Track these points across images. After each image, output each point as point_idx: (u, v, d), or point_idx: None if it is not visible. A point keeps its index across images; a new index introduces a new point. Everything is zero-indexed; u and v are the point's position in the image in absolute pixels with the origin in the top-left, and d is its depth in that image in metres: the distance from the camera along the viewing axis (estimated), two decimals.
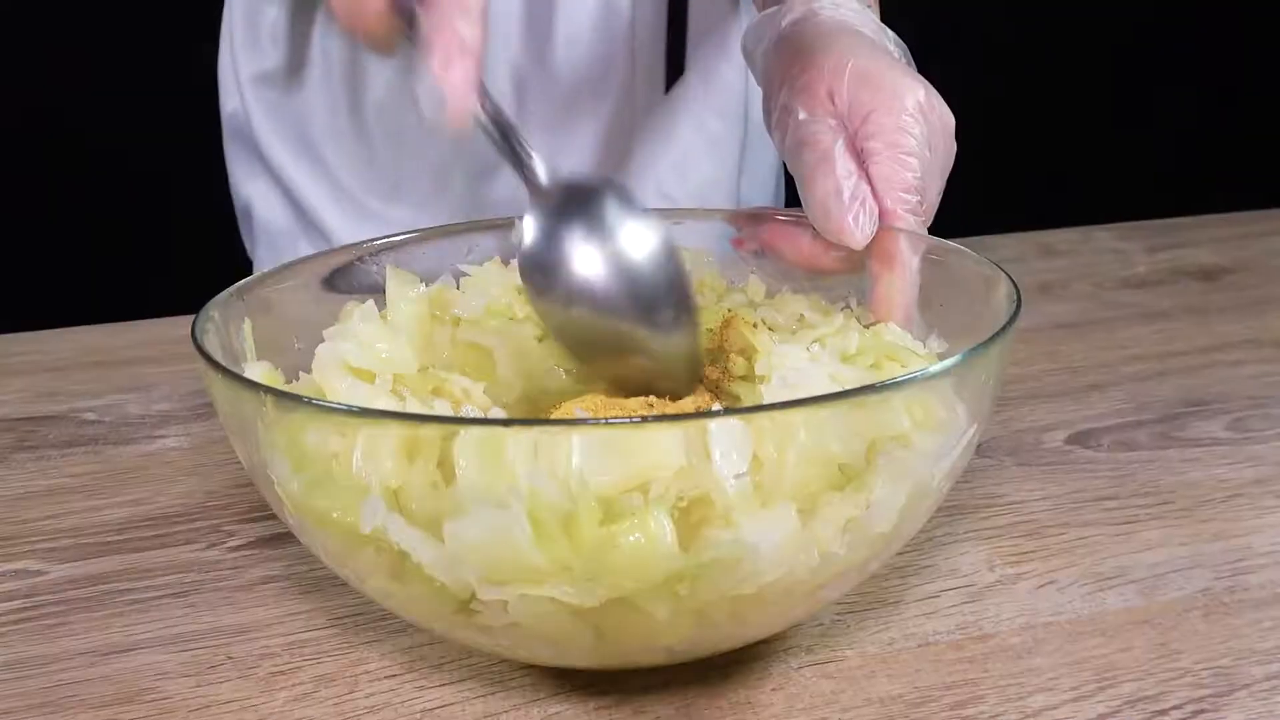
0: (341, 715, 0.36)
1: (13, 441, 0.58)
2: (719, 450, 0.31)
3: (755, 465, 0.32)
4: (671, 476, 0.31)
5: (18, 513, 0.50)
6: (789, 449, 0.31)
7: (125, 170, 1.41)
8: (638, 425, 0.31)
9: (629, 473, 0.30)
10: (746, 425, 0.31)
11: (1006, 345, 0.36)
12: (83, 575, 0.45)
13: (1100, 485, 0.50)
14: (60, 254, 1.43)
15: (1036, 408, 0.58)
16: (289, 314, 0.43)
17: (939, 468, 0.32)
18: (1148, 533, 0.46)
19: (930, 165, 0.46)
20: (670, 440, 0.31)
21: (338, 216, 0.77)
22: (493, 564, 0.29)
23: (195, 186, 1.00)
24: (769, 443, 0.32)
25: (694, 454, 0.31)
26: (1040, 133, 1.84)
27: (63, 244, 1.44)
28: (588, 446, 0.30)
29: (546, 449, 0.30)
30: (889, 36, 0.54)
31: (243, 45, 0.78)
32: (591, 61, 0.74)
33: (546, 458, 0.30)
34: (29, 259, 1.42)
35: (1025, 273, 0.81)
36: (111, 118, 1.40)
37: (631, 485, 0.30)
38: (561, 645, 0.31)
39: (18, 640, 0.41)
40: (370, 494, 0.29)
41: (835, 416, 0.31)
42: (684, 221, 0.53)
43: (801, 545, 0.30)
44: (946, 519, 0.48)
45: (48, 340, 0.71)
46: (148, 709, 0.37)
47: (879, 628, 0.40)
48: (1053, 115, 1.87)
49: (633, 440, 0.30)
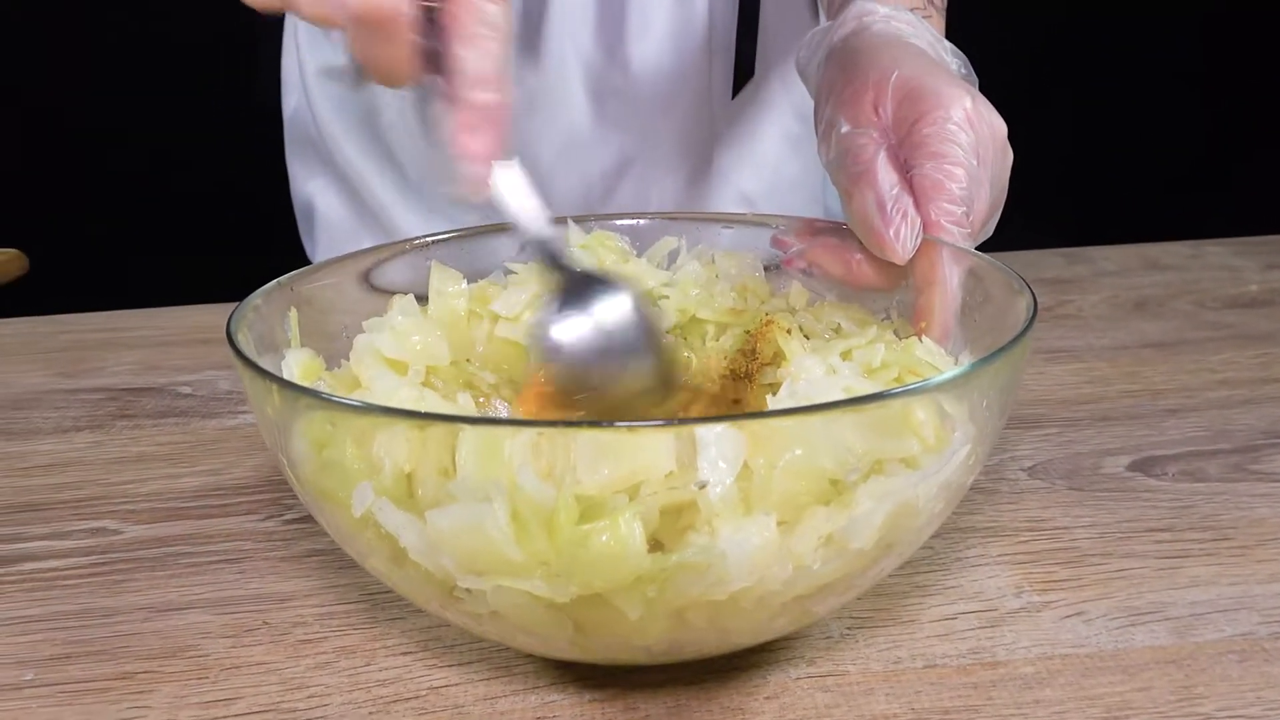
0: (355, 685, 0.39)
1: (115, 410, 0.63)
2: (704, 457, 0.31)
3: (745, 474, 0.32)
4: (661, 480, 0.31)
5: (108, 475, 0.55)
6: (777, 459, 0.32)
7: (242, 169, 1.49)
8: (630, 429, 0.32)
9: (619, 475, 0.31)
10: (733, 434, 0.31)
11: (1008, 366, 0.35)
12: (152, 537, 0.49)
13: (1156, 516, 0.48)
14: (184, 237, 1.52)
15: (1103, 430, 0.56)
16: (338, 304, 0.46)
17: (924, 487, 0.31)
18: (1196, 569, 0.44)
19: (977, 175, 0.45)
20: (660, 445, 0.31)
21: (404, 212, 0.79)
22: (470, 554, 0.30)
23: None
24: (760, 452, 0.32)
25: (682, 459, 0.31)
26: (1164, 142, 1.74)
27: (189, 228, 1.53)
28: (579, 448, 0.31)
29: (538, 449, 0.31)
30: (945, 48, 0.53)
31: (308, 40, 0.80)
32: (667, 59, 0.74)
33: (538, 457, 0.31)
34: (154, 241, 1.52)
35: (1123, 287, 0.78)
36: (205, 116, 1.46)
37: (621, 487, 0.31)
38: (542, 636, 0.32)
39: (87, 592, 0.45)
40: (360, 481, 0.31)
41: (822, 429, 0.31)
42: (734, 226, 0.53)
43: (776, 556, 0.30)
44: (981, 540, 0.46)
45: (160, 316, 0.77)
46: (186, 664, 0.40)
47: (888, 645, 0.40)
48: (1178, 126, 1.77)
49: (624, 444, 0.31)
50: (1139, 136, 1.72)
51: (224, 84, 1.30)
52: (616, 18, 0.74)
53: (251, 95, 0.94)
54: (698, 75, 0.76)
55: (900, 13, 0.53)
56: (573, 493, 0.30)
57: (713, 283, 0.51)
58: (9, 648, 0.41)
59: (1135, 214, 1.34)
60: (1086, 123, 1.75)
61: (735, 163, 0.81)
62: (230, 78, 1.20)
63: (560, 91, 0.74)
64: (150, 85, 1.45)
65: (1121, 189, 1.70)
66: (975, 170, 0.45)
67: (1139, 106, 1.73)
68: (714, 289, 0.51)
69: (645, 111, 0.76)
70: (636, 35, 0.74)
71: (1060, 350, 0.67)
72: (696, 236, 0.53)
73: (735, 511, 0.31)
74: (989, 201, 0.47)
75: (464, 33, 0.35)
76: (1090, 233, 0.99)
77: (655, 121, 0.76)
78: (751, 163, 0.80)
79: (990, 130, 0.47)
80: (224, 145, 1.36)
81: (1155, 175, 1.75)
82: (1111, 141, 1.75)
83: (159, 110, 1.45)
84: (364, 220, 0.81)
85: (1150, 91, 1.73)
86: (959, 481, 0.33)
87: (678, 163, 0.78)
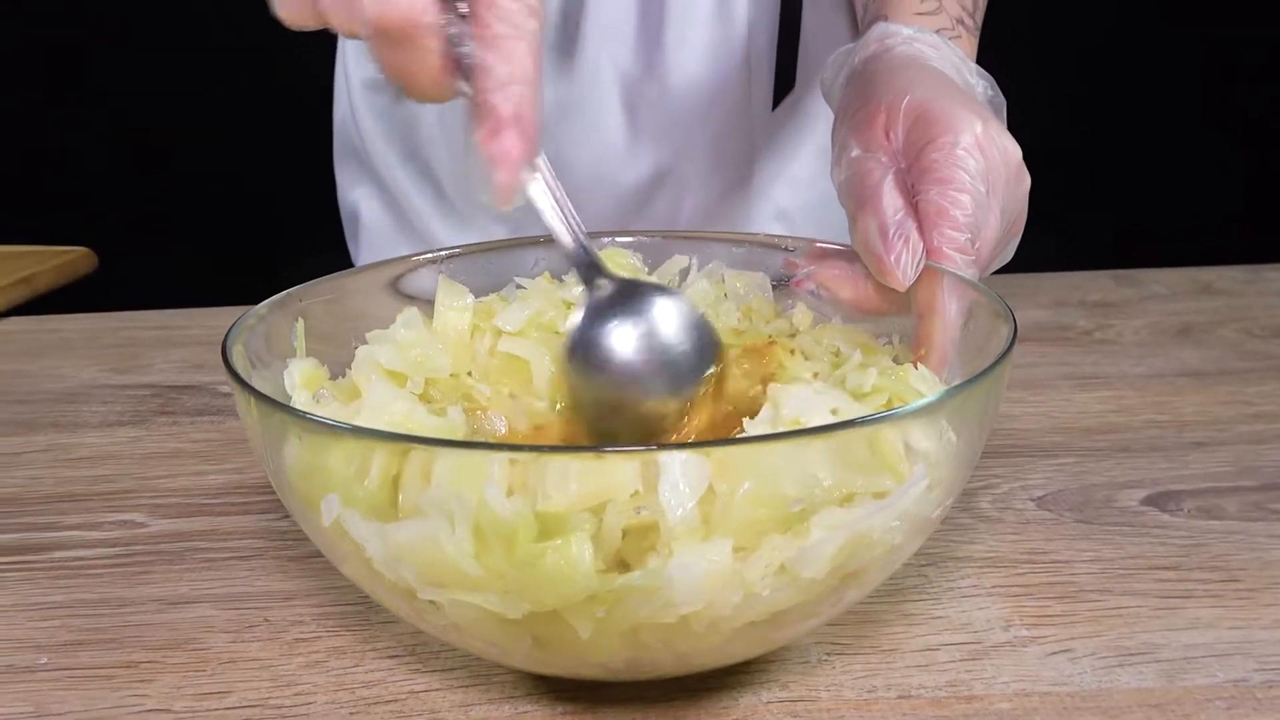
0: (340, 686, 0.40)
1: (156, 407, 0.66)
2: (666, 481, 0.32)
3: (709, 498, 0.32)
4: (626, 501, 0.32)
5: (143, 470, 0.58)
6: (739, 486, 0.32)
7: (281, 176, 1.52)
8: (597, 455, 0.33)
9: (585, 493, 0.32)
10: (696, 459, 0.32)
11: (974, 399, 0.34)
12: (174, 531, 0.51)
13: (1163, 553, 0.47)
14: (242, 239, 1.57)
15: (1122, 462, 0.55)
16: (353, 313, 0.48)
17: (879, 519, 0.31)
18: (1197, 610, 0.43)
19: (984, 202, 0.45)
20: (625, 468, 0.32)
21: (439, 223, 0.81)
22: (428, 567, 0.31)
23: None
24: (724, 478, 0.32)
25: (648, 481, 0.32)
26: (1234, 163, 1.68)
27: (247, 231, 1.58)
28: (547, 468, 0.32)
29: (507, 469, 0.32)
30: (970, 70, 0.52)
31: (354, 51, 0.83)
32: (705, 71, 0.75)
33: (506, 476, 0.32)
34: (214, 242, 1.57)
35: (1169, 312, 0.76)
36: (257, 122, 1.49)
37: (587, 505, 0.32)
38: (503, 649, 0.33)
39: (107, 581, 0.47)
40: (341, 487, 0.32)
41: (783, 455, 0.31)
42: (746, 246, 0.53)
43: (726, 582, 0.31)
44: (977, 570, 0.46)
45: (211, 316, 0.80)
46: (186, 656, 0.42)
47: (864, 674, 0.40)
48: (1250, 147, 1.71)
49: (591, 466, 0.32)
50: (1207, 156, 1.67)
51: (283, 91, 1.34)
52: (655, 29, 0.74)
53: (306, 104, 0.98)
54: (736, 88, 0.76)
55: (925, 34, 0.53)
56: (534, 510, 0.31)
57: (720, 301, 0.52)
58: (29, 631, 0.44)
59: (1197, 237, 1.29)
60: (1148, 142, 1.70)
61: (773, 178, 0.81)
62: (288, 85, 1.24)
63: (595, 102, 0.75)
64: (216, 91, 1.51)
65: (1183, 210, 1.65)
66: (982, 196, 0.45)
67: (1206, 125, 1.67)
68: (720, 308, 0.51)
69: (681, 124, 0.76)
70: (674, 47, 0.74)
71: (1090, 377, 0.66)
72: (709, 255, 0.54)
73: (694, 535, 0.32)
74: (999, 228, 0.47)
75: (487, 34, 0.34)
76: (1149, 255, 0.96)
77: (691, 134, 0.77)
78: (789, 178, 0.80)
79: (1003, 155, 0.46)
80: (283, 151, 1.40)
81: (1219, 198, 1.69)
82: (1177, 161, 1.69)
83: (226, 115, 1.50)
84: (403, 229, 0.83)
85: (1219, 111, 1.67)
86: (921, 514, 0.33)
87: (713, 176, 0.78)
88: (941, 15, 0.57)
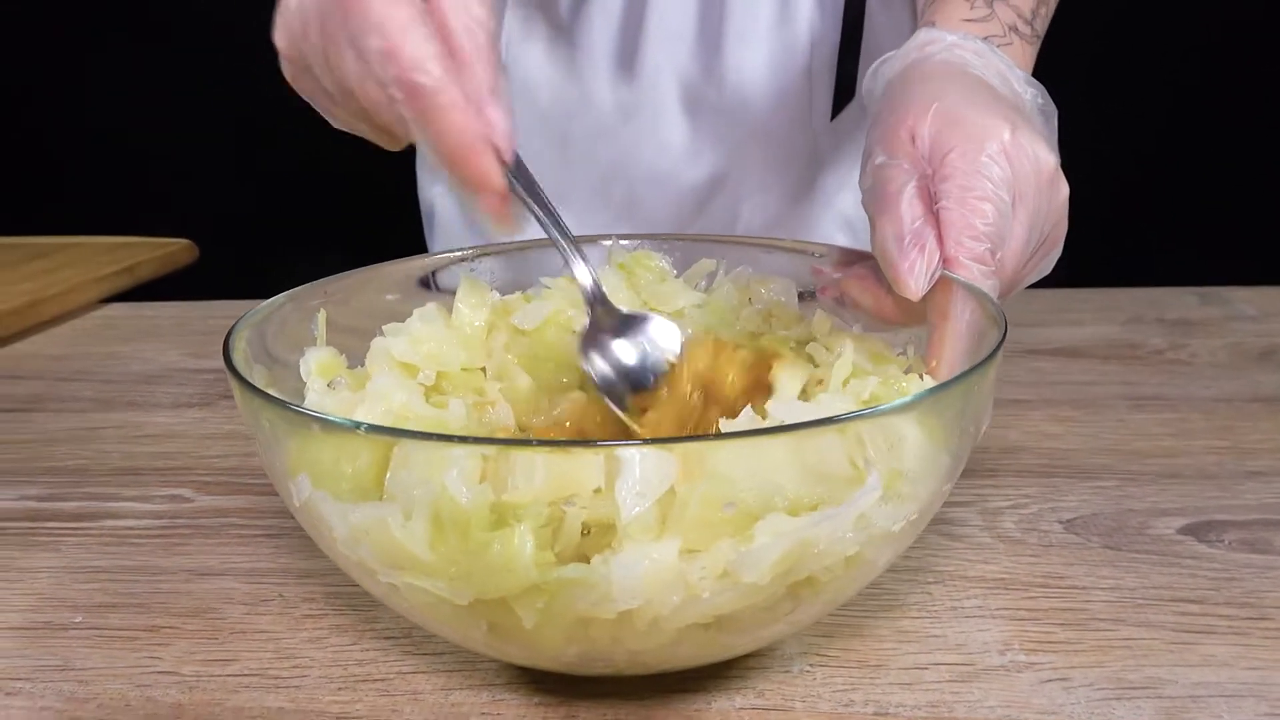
0: (335, 662, 0.42)
1: (223, 390, 0.70)
2: (624, 478, 0.32)
3: (668, 498, 0.32)
4: (589, 496, 0.33)
5: (199, 449, 0.61)
6: (695, 487, 0.32)
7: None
8: (562, 449, 0.33)
9: (549, 486, 0.32)
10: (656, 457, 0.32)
11: (932, 411, 0.33)
12: (214, 507, 0.54)
13: (1192, 585, 0.44)
14: (330, 231, 1.63)
15: (1166, 488, 0.52)
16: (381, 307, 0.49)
17: (826, 528, 0.31)
18: (1215, 647, 0.40)
19: (1007, 211, 0.43)
20: (589, 463, 0.32)
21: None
22: (382, 550, 0.32)
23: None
24: (687, 478, 0.32)
25: (610, 477, 0.32)
26: None
27: (335, 223, 1.64)
28: (514, 461, 0.32)
29: (478, 460, 0.33)
30: (1018, 77, 0.51)
31: None
32: (765, 77, 0.74)
33: (480, 466, 0.33)
34: (306, 233, 1.63)
35: (1252, 333, 0.71)
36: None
37: (551, 499, 0.33)
38: (460, 634, 0.34)
39: (148, 551, 0.51)
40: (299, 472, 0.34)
41: (734, 458, 0.31)
42: (774, 251, 0.53)
43: (668, 582, 0.31)
44: (985, 591, 0.44)
45: None
46: (201, 625, 0.45)
47: (844, 687, 0.39)
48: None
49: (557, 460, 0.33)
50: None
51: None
52: (715, 34, 0.75)
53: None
54: (797, 95, 0.75)
55: (969, 40, 0.52)
56: (490, 501, 0.32)
57: (743, 306, 0.51)
58: (71, 592, 0.47)
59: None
60: (1250, 152, 1.59)
61: (838, 186, 0.80)
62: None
63: (655, 104, 0.75)
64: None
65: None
66: (1006, 206, 0.43)
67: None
68: (742, 312, 0.51)
69: (740, 128, 0.76)
70: (734, 51, 0.74)
71: (1153, 398, 0.62)
72: (737, 259, 0.54)
73: (647, 534, 0.32)
74: (1026, 239, 0.45)
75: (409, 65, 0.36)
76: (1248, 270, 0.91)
77: (749, 139, 0.76)
78: (854, 186, 0.79)
79: (1034, 164, 0.45)
80: (372, 152, 1.45)
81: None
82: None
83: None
84: (473, 223, 0.86)
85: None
86: (881, 526, 0.32)
87: (773, 182, 0.77)
88: (992, 22, 0.56)
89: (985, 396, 0.36)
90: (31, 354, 0.80)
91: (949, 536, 0.49)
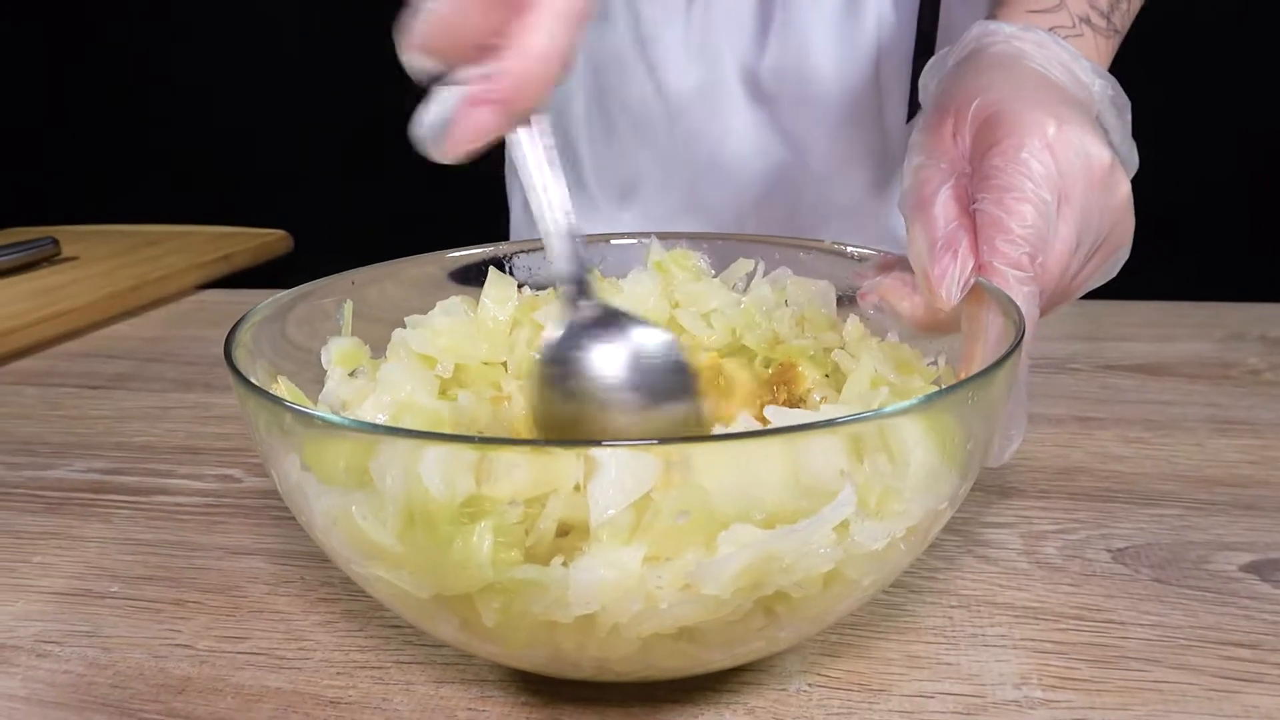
0: (339, 647, 0.42)
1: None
2: (595, 480, 0.31)
3: (643, 503, 0.32)
4: (568, 495, 0.32)
5: None
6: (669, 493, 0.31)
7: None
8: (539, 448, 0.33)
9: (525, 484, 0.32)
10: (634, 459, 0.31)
11: (907, 425, 0.31)
12: (258, 489, 0.56)
13: (1246, 628, 0.40)
14: (419, 225, 1.66)
15: (1235, 520, 0.48)
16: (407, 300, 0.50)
17: (791, 541, 0.29)
18: (1260, 698, 0.37)
19: (1049, 212, 0.41)
20: (565, 462, 0.32)
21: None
22: (349, 539, 0.32)
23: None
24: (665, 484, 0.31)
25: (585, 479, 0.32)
26: None
27: (426, 218, 1.68)
28: (494, 460, 0.32)
29: (456, 456, 0.32)
30: (1084, 67, 0.47)
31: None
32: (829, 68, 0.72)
33: (455, 464, 0.32)
34: (392, 224, 1.67)
35: None
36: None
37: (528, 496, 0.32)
38: (434, 624, 0.34)
39: (191, 527, 0.53)
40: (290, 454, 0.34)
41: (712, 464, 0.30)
42: (813, 252, 0.51)
43: (628, 590, 0.30)
44: (1012, 620, 0.42)
45: None
46: (222, 601, 0.46)
47: (840, 711, 0.37)
48: None
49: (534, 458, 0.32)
50: None
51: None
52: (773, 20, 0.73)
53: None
54: (865, 89, 0.73)
55: (1030, 31, 0.49)
56: (460, 496, 0.31)
57: (778, 308, 0.50)
58: (113, 562, 0.49)
59: None
60: None
61: None
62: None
63: (716, 88, 0.74)
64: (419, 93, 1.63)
65: None
66: (1048, 206, 0.41)
67: None
68: (775, 314, 0.49)
69: (804, 124, 0.74)
70: (796, 41, 0.73)
71: (1239, 422, 0.58)
72: (778, 259, 0.52)
73: (617, 539, 0.31)
74: (1073, 241, 0.42)
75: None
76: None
77: (818, 131, 0.74)
78: None
79: (1083, 160, 0.42)
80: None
81: None
82: None
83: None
84: None
85: None
86: (860, 543, 0.30)
87: (838, 178, 0.75)
88: (1061, 13, 0.52)
89: (992, 409, 0.34)
90: (127, 335, 0.84)
91: (983, 559, 0.46)
